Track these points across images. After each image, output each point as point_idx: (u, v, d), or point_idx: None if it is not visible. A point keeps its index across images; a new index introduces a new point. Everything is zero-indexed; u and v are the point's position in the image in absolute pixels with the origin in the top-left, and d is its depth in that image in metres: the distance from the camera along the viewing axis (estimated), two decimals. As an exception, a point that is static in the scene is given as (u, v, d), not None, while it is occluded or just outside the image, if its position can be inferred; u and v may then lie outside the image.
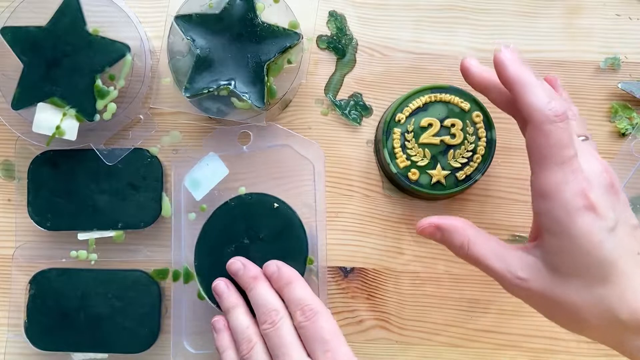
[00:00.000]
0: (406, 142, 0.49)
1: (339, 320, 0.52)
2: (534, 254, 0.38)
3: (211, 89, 0.47)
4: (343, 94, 0.53)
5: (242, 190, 0.50)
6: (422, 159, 0.48)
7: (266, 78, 0.47)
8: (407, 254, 0.52)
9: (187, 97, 0.47)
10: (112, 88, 0.49)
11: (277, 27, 0.47)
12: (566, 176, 0.36)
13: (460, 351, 0.52)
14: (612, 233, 0.36)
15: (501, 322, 0.52)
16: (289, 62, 0.49)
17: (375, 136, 0.52)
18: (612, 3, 0.52)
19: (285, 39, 0.47)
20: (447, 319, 0.52)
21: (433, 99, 0.49)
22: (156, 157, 0.51)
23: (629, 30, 0.52)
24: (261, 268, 0.46)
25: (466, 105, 0.48)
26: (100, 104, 0.48)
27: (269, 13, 0.48)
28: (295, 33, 0.48)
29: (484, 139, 0.48)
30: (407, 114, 0.49)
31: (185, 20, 0.47)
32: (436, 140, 0.48)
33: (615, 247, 0.36)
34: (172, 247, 0.50)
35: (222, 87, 0.47)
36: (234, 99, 0.48)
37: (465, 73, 0.43)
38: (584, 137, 0.41)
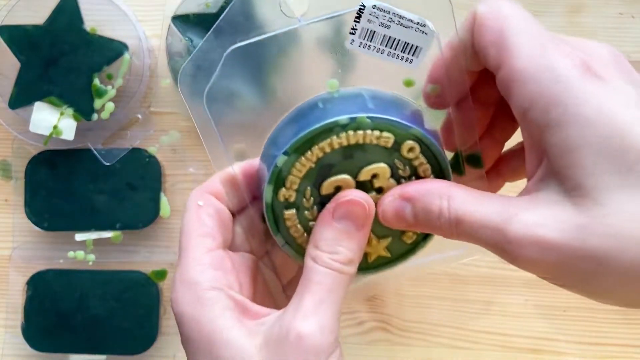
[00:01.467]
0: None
1: (339, 321, 0.52)
2: (541, 187, 0.25)
3: (210, 88, 0.47)
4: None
5: (334, 84, 0.30)
6: None
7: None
8: (407, 255, 0.52)
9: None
10: (110, 87, 0.48)
11: (277, 25, 0.47)
12: (545, 44, 0.24)
13: (461, 353, 0.51)
14: None
15: (502, 324, 0.51)
16: (289, 61, 0.49)
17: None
18: (615, 1, 0.52)
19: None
20: (447, 320, 0.51)
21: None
22: (154, 157, 0.51)
23: (631, 29, 0.52)
24: None
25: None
26: (98, 103, 0.48)
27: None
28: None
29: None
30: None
31: (182, 20, 0.47)
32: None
33: None
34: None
35: (221, 86, 0.47)
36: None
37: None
38: None
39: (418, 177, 0.30)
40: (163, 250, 0.51)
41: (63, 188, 0.50)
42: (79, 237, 0.50)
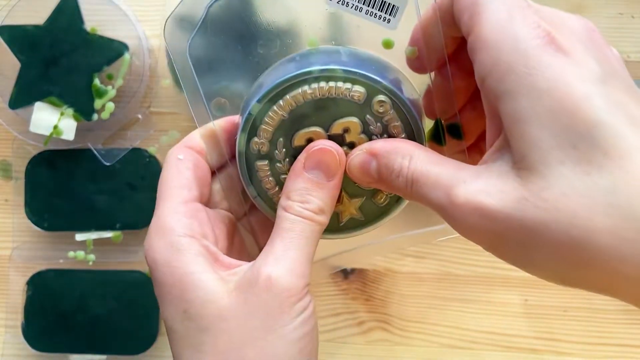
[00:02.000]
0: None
1: (339, 321, 0.51)
2: (492, 158, 0.25)
3: (210, 88, 0.47)
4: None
5: (314, 42, 0.30)
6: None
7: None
8: (408, 255, 0.52)
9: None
10: (110, 87, 0.48)
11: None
12: (513, 12, 0.24)
13: (461, 352, 0.51)
14: (602, 86, 0.22)
15: (502, 324, 0.51)
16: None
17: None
18: (615, 1, 0.52)
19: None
20: (447, 320, 0.51)
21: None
22: (155, 157, 0.51)
23: (631, 29, 0.52)
24: None
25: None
26: (98, 103, 0.48)
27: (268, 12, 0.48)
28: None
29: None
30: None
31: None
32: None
33: (612, 107, 0.22)
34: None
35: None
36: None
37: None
38: None
39: (390, 135, 0.30)
40: (163, 250, 0.51)
41: (63, 188, 0.50)
42: (79, 237, 0.50)
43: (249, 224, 0.34)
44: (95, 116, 0.48)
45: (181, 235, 0.28)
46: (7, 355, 0.52)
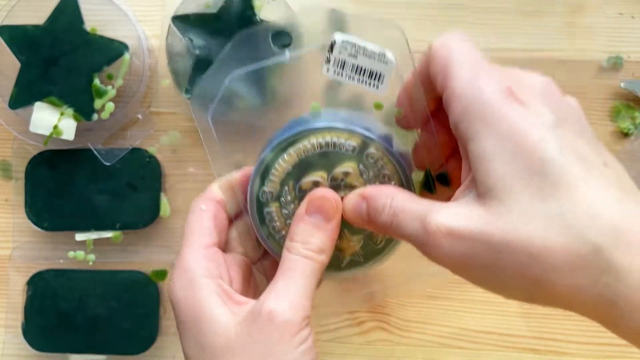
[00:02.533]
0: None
1: (339, 321, 0.52)
2: (462, 194, 0.29)
3: (210, 89, 0.47)
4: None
5: (316, 106, 0.36)
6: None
7: (266, 77, 0.47)
8: (408, 255, 0.52)
9: (188, 98, 0.47)
10: (110, 87, 0.48)
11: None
12: (478, 72, 0.28)
13: (461, 352, 0.51)
14: (555, 131, 0.27)
15: (502, 324, 0.51)
16: (289, 60, 0.49)
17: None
18: (615, 1, 0.52)
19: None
20: (447, 319, 0.51)
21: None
22: (155, 157, 0.51)
23: (631, 29, 0.52)
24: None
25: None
26: (98, 103, 0.48)
27: (267, 11, 0.48)
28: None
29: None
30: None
31: (182, 20, 0.47)
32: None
33: (563, 147, 0.26)
34: None
35: (221, 86, 0.47)
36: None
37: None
38: None
39: (382, 182, 0.34)
40: (163, 250, 0.51)
41: (63, 188, 0.50)
42: (79, 237, 0.50)
43: (262, 267, 0.37)
44: (95, 116, 0.48)
45: (199, 276, 0.32)
46: (7, 355, 0.52)
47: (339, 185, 0.34)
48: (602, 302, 0.26)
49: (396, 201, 0.30)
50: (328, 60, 0.33)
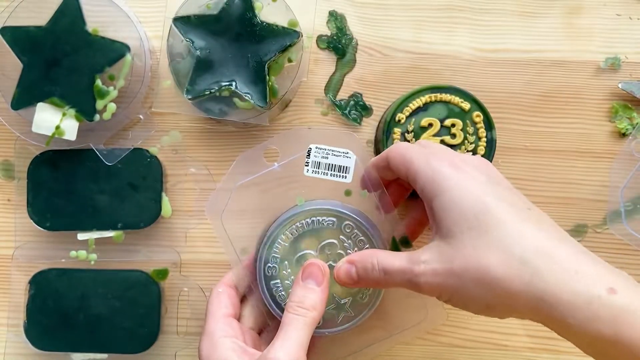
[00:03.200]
0: (407, 142, 0.48)
1: (338, 320, 0.52)
2: (434, 240, 0.39)
3: (213, 91, 0.47)
4: (343, 94, 0.53)
5: (301, 200, 0.46)
6: None
7: (267, 77, 0.47)
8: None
9: (189, 99, 0.47)
10: (111, 88, 0.49)
11: (277, 25, 0.47)
12: (429, 157, 0.40)
13: (460, 352, 0.52)
14: (489, 186, 0.38)
15: (502, 323, 0.52)
16: (289, 60, 0.49)
17: (376, 136, 0.52)
18: (613, 3, 0.52)
19: (285, 37, 0.47)
20: (447, 319, 0.51)
21: (433, 98, 0.48)
22: (156, 157, 0.51)
23: (629, 30, 0.52)
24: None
25: (466, 105, 0.48)
26: (100, 104, 0.48)
27: (267, 12, 0.48)
28: (295, 31, 0.47)
29: (484, 139, 0.48)
30: (407, 114, 0.48)
31: (183, 22, 0.47)
32: (436, 140, 0.48)
33: (496, 197, 0.37)
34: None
35: (223, 88, 0.47)
36: (235, 99, 0.48)
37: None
38: None
39: (359, 248, 0.45)
40: (164, 249, 0.52)
41: (65, 188, 0.50)
42: (81, 236, 0.50)
43: (269, 336, 0.45)
44: (97, 117, 0.48)
45: (219, 337, 0.42)
46: (9, 354, 0.52)
47: (327, 255, 0.45)
48: (534, 301, 0.34)
49: (381, 259, 0.39)
50: (307, 163, 0.45)
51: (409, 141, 0.49)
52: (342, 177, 0.45)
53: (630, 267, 0.51)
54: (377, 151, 0.51)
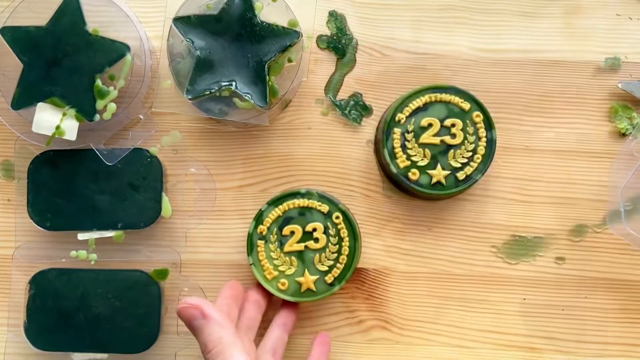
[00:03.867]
0: (406, 142, 0.49)
1: (338, 320, 0.52)
2: None
3: (213, 91, 0.47)
4: (343, 94, 0.53)
5: None
6: (422, 159, 0.48)
7: (267, 77, 0.47)
8: (407, 254, 0.52)
9: (189, 99, 0.47)
10: (112, 88, 0.49)
11: (277, 26, 0.47)
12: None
13: (460, 351, 0.52)
14: None
15: (501, 322, 0.52)
16: (290, 60, 0.49)
17: (376, 136, 0.52)
18: (613, 3, 0.52)
19: (285, 37, 0.47)
20: (447, 319, 0.52)
21: (433, 99, 0.48)
22: (156, 157, 0.51)
23: (629, 30, 0.52)
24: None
25: (466, 105, 0.48)
26: (100, 104, 0.48)
27: (267, 12, 0.48)
28: (295, 31, 0.48)
29: (484, 138, 0.48)
30: (407, 114, 0.49)
31: (183, 22, 0.47)
32: (436, 140, 0.48)
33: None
34: None
35: (223, 88, 0.47)
36: (235, 99, 0.48)
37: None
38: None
39: (340, 237, 0.49)
40: (164, 249, 0.52)
41: (65, 188, 0.50)
42: (81, 236, 0.50)
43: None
44: (97, 117, 0.48)
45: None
46: (9, 354, 0.52)
47: (310, 233, 0.49)
48: None
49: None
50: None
51: (408, 141, 0.49)
52: None
53: (630, 267, 0.52)
54: (377, 151, 0.51)
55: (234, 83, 0.47)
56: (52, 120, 0.48)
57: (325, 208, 0.49)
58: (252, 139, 0.52)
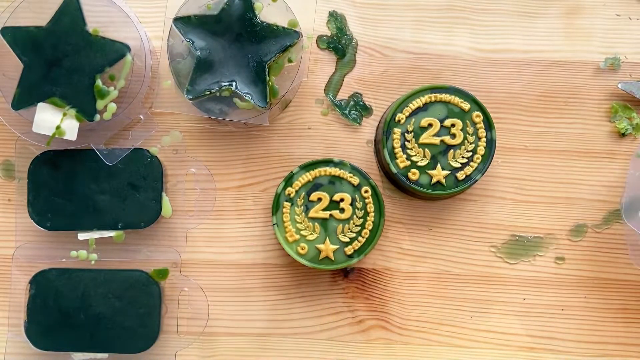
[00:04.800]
0: (406, 142, 0.49)
1: (338, 320, 0.52)
2: None
3: (213, 91, 0.47)
4: (343, 94, 0.53)
5: None
6: (422, 159, 0.48)
7: (267, 77, 0.47)
8: (407, 254, 0.52)
9: (190, 99, 0.47)
10: (112, 88, 0.49)
11: (277, 26, 0.47)
12: None
13: (460, 351, 0.52)
14: None
15: (501, 322, 0.52)
16: (290, 60, 0.49)
17: (375, 136, 0.52)
18: (612, 3, 0.52)
19: (285, 37, 0.47)
20: (447, 318, 0.52)
21: (433, 99, 0.48)
22: (156, 157, 0.51)
23: (628, 30, 0.52)
24: None
25: (466, 106, 0.48)
26: (100, 104, 0.48)
27: (267, 12, 0.48)
28: (295, 32, 0.48)
29: (484, 139, 0.48)
30: (407, 114, 0.49)
31: (184, 22, 0.47)
32: (436, 140, 0.48)
33: None
34: None
35: (223, 88, 0.47)
36: (236, 99, 0.49)
37: None
38: None
39: (366, 212, 0.48)
40: (165, 249, 0.52)
41: (65, 188, 0.50)
42: (82, 236, 0.50)
43: None
44: (97, 117, 0.48)
45: None
46: (10, 354, 0.52)
47: (337, 203, 0.48)
48: None
49: None
50: None
51: (408, 141, 0.48)
52: None
53: (630, 267, 0.52)
54: (377, 151, 0.51)
55: (234, 83, 0.47)
56: (53, 120, 0.48)
57: (355, 180, 0.49)
58: (252, 139, 0.53)
